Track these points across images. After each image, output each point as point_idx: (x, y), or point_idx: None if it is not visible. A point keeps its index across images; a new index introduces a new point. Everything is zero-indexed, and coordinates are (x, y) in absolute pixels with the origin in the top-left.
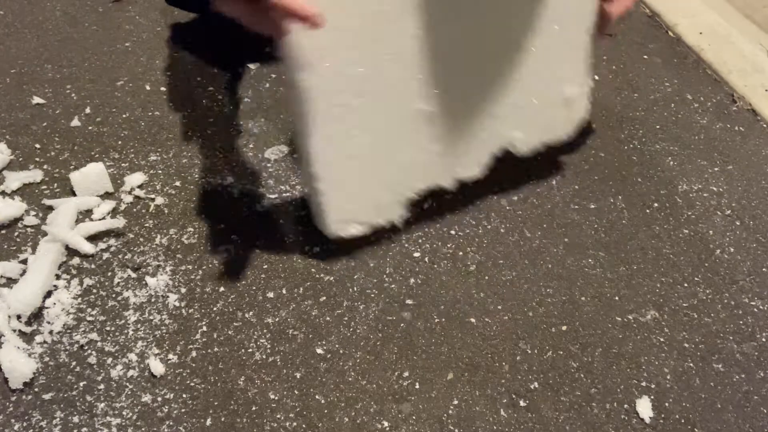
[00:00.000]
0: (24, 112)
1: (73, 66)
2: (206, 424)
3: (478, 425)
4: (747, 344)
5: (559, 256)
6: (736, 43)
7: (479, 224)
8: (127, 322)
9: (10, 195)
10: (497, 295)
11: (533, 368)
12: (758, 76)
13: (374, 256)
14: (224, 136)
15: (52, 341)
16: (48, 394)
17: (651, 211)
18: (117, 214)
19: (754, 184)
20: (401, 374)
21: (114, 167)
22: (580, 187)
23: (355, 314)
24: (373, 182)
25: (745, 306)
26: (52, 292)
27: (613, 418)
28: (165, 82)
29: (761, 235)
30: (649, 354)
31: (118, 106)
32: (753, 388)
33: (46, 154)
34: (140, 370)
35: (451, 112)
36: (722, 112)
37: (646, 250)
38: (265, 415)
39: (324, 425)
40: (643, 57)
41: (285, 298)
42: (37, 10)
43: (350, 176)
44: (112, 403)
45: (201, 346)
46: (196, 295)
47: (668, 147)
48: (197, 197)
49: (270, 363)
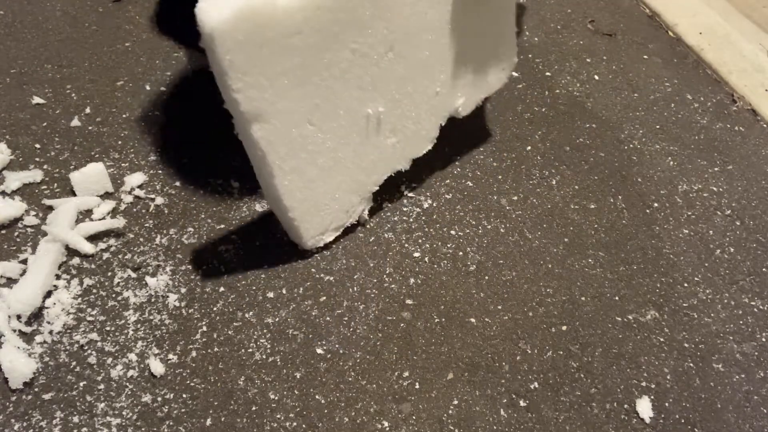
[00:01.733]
0: (24, 112)
1: (73, 66)
2: (206, 424)
3: (478, 425)
4: (747, 344)
5: (559, 256)
6: (736, 43)
7: (479, 224)
8: (127, 322)
9: (10, 195)
10: (497, 295)
11: (533, 368)
12: (758, 76)
13: (374, 256)
14: (224, 136)
15: (52, 341)
16: (48, 394)
17: (651, 211)
18: (117, 214)
19: (754, 184)
20: (401, 374)
21: (114, 167)
22: (580, 187)
23: (355, 314)
24: (339, 191)
25: (745, 306)
26: (52, 292)
27: (613, 418)
28: (165, 82)
29: (761, 235)
30: (649, 354)
31: (118, 106)
32: (753, 388)
33: (46, 154)
34: (140, 370)
35: (399, 103)
36: (722, 112)
37: (646, 250)
38: (265, 415)
39: (324, 425)
40: (643, 57)
41: (285, 298)
42: (37, 10)
43: (317, 195)
44: (112, 403)
45: (201, 346)
46: (196, 295)
47: (668, 147)
48: (197, 197)
49: (270, 363)
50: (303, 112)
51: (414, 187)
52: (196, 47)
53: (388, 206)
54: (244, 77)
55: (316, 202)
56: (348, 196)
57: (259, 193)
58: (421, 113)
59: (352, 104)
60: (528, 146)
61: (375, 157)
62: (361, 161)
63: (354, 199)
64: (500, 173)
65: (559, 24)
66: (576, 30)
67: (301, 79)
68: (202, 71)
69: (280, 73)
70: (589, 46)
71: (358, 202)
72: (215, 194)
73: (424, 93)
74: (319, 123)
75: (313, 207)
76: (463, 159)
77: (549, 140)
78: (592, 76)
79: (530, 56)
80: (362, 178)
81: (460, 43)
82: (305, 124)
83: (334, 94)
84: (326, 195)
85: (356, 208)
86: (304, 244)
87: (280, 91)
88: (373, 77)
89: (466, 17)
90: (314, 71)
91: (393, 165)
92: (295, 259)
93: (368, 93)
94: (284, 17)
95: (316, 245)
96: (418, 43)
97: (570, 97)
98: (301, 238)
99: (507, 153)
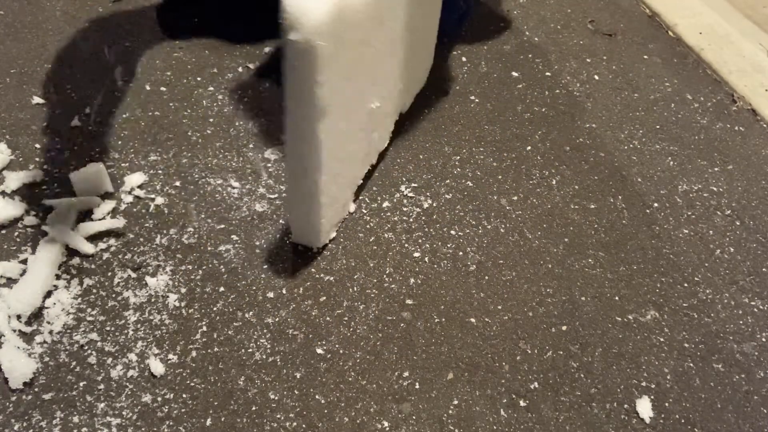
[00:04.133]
0: (24, 112)
1: (73, 66)
2: (206, 424)
3: (478, 425)
4: (747, 344)
5: (559, 256)
6: (736, 43)
7: (479, 224)
8: (127, 322)
9: (10, 195)
10: (497, 295)
11: (533, 368)
12: (758, 76)
13: (374, 256)
14: (224, 136)
15: (52, 341)
16: (48, 394)
17: (651, 211)
18: (117, 214)
19: (754, 184)
20: (401, 374)
21: (114, 167)
22: (580, 187)
23: (355, 314)
24: (342, 187)
25: (745, 306)
26: (52, 292)
27: (613, 418)
28: (165, 82)
29: (761, 235)
30: (649, 354)
31: (118, 106)
32: (753, 388)
33: (46, 154)
34: (140, 370)
35: (385, 99)
36: (722, 112)
37: (646, 250)
38: (265, 415)
39: (324, 425)
40: (643, 57)
41: (285, 298)
42: (37, 10)
43: (336, 191)
44: (112, 403)
45: (201, 346)
46: (196, 295)
47: (668, 147)
48: (197, 197)
49: (270, 363)
50: (345, 107)
51: (414, 187)
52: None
53: (388, 206)
54: (327, 71)
55: (333, 198)
56: (345, 191)
57: (259, 193)
58: (391, 109)
59: (366, 99)
60: (528, 146)
61: (366, 150)
62: (359, 155)
63: (348, 194)
64: (500, 173)
65: (559, 24)
66: (576, 30)
67: (348, 75)
68: (203, 71)
69: (341, 68)
70: (589, 46)
71: (350, 196)
72: (215, 194)
73: (395, 89)
74: (349, 118)
75: (331, 203)
76: (463, 159)
77: (549, 140)
78: (592, 76)
79: (530, 56)
80: (355, 173)
81: (415, 44)
82: (343, 120)
83: (360, 89)
84: (338, 190)
85: (348, 203)
86: (316, 243)
87: (339, 86)
88: (378, 73)
89: (421, 20)
90: (355, 66)
91: (370, 160)
92: (295, 259)
93: (374, 88)
94: (352, 10)
95: (323, 243)
96: (402, 40)
97: (570, 97)
98: (319, 235)
99: (507, 153)
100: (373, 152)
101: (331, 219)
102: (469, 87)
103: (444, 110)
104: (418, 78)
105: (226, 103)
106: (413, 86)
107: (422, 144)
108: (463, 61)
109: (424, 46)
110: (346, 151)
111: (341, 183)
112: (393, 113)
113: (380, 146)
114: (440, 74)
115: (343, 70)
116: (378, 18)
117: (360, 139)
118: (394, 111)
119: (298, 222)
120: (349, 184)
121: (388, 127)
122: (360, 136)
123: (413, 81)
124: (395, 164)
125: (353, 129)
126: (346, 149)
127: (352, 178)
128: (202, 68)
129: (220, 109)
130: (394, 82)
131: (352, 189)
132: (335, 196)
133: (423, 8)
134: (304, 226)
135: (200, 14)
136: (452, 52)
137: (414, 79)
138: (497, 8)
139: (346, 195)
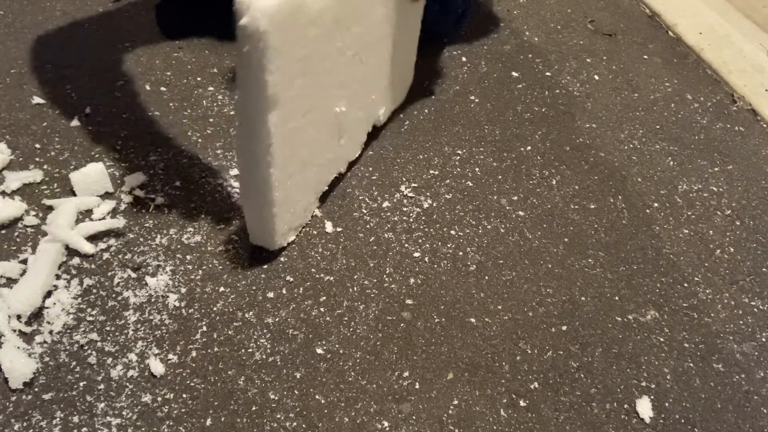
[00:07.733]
0: (24, 112)
1: (73, 66)
2: (206, 424)
3: (478, 425)
4: (747, 344)
5: (559, 256)
6: (736, 43)
7: (479, 224)
8: (127, 322)
9: (10, 195)
10: (497, 295)
11: (533, 368)
12: (758, 76)
13: (374, 256)
14: (224, 136)
15: (52, 341)
16: (48, 394)
17: (651, 211)
18: (117, 214)
19: (754, 184)
20: (401, 374)
21: (114, 167)
22: (580, 187)
23: (355, 314)
24: (305, 188)
25: (745, 306)
26: (52, 292)
27: (613, 418)
28: (165, 82)
29: (761, 235)
30: (649, 354)
31: (118, 106)
32: (753, 388)
33: (46, 154)
34: (140, 370)
35: (353, 106)
36: (722, 112)
37: (646, 250)
38: (265, 415)
39: (324, 425)
40: (643, 57)
41: (285, 298)
42: (37, 10)
43: (292, 190)
44: (112, 403)
45: (201, 346)
46: (196, 295)
47: (668, 147)
48: (197, 197)
49: (270, 363)
50: (300, 103)
51: (414, 187)
52: (196, 47)
53: (388, 206)
54: (277, 59)
55: (290, 198)
56: (309, 194)
57: None
58: (362, 118)
59: (330, 101)
60: (528, 146)
61: (332, 156)
62: (323, 159)
63: (311, 198)
64: (500, 173)
65: (559, 24)
66: (576, 30)
67: (304, 70)
68: (202, 71)
69: (295, 61)
70: (589, 46)
71: (314, 201)
72: (215, 194)
73: (366, 98)
74: (308, 116)
75: (288, 203)
76: (463, 159)
77: (549, 140)
78: (592, 76)
79: (530, 56)
80: (319, 177)
81: (392, 59)
82: (300, 116)
83: (321, 89)
84: (297, 191)
85: (312, 208)
86: (272, 244)
87: (292, 78)
88: (344, 77)
89: (398, 35)
90: (315, 63)
91: (338, 167)
92: (295, 259)
93: (340, 91)
94: (310, 5)
95: (281, 245)
96: (374, 49)
97: (570, 97)
98: (274, 236)
99: (507, 153)
100: (341, 159)
101: (290, 221)
102: (469, 87)
103: (444, 110)
104: (395, 94)
105: (226, 103)
106: (389, 101)
107: (422, 144)
108: (463, 61)
109: (402, 63)
110: (306, 150)
111: (301, 184)
112: (365, 123)
113: (350, 155)
114: (440, 74)
115: (300, 64)
116: (342, 21)
117: (324, 142)
118: (365, 121)
119: (252, 221)
120: (312, 188)
121: (359, 137)
122: (324, 139)
123: (389, 95)
124: (395, 164)
125: (315, 129)
126: (307, 149)
127: (315, 183)
128: (202, 68)
129: (220, 109)
130: (365, 91)
131: (316, 193)
132: (293, 197)
133: (399, 27)
134: (257, 225)
135: (200, 14)
136: (452, 52)
137: (390, 93)
138: (497, 8)
139: (308, 198)
